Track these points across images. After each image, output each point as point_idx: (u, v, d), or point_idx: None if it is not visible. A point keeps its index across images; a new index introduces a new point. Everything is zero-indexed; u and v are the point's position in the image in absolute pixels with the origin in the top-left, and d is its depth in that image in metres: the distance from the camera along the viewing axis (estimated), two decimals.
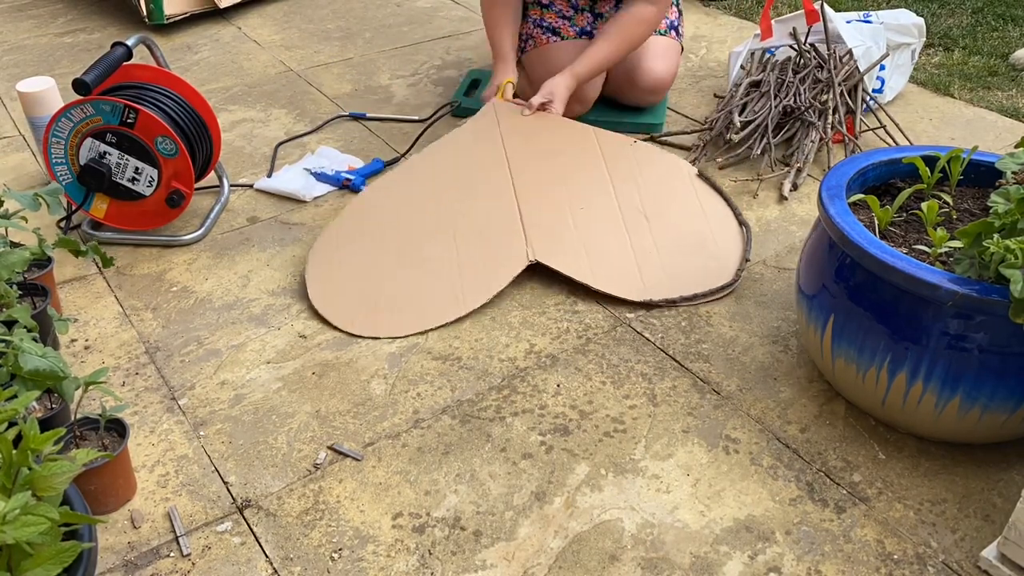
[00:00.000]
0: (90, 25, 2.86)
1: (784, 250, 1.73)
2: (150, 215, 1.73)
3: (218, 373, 1.44)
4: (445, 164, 1.84)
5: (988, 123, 2.21)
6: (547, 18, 2.13)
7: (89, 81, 1.58)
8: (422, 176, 1.82)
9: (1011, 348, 1.13)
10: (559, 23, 2.13)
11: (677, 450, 1.29)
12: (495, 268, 1.59)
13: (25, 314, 1.19)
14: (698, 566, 1.12)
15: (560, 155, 1.83)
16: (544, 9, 2.14)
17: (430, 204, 1.74)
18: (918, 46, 2.28)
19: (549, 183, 1.76)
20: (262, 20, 2.90)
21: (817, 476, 1.25)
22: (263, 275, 1.68)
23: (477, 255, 1.61)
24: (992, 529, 1.17)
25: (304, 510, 1.20)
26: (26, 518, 0.79)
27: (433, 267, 1.61)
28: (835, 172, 1.35)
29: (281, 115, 2.27)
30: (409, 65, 2.55)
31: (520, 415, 1.35)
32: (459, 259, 1.61)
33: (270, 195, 1.93)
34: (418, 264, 1.61)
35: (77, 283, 1.67)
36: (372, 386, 1.41)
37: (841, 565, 1.12)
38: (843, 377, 1.29)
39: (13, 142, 2.16)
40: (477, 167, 1.81)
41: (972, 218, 1.32)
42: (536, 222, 1.66)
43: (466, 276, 1.58)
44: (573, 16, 2.13)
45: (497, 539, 1.16)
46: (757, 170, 1.99)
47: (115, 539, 1.16)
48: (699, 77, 2.45)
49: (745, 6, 2.98)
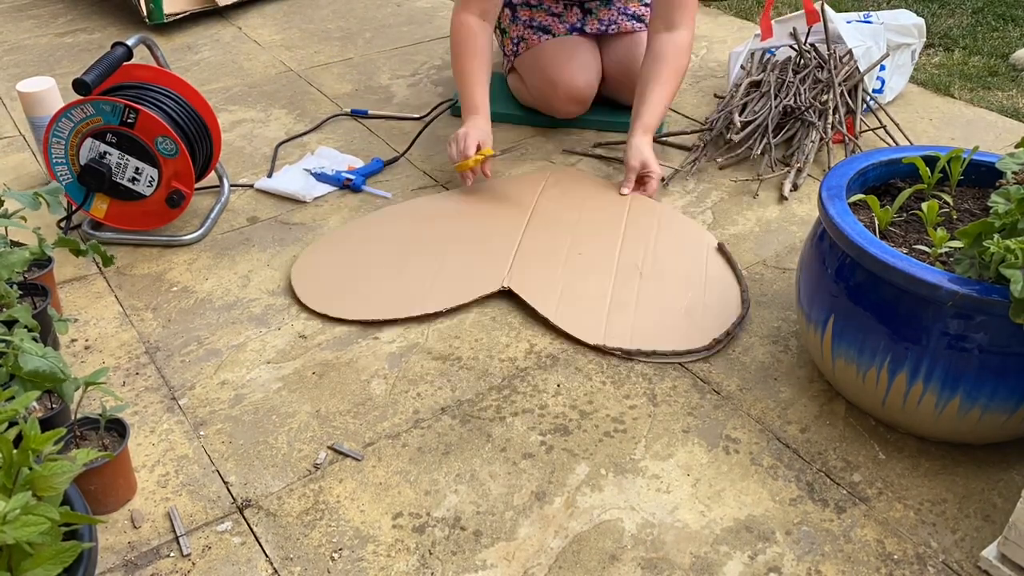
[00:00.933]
0: (90, 25, 2.86)
1: (784, 250, 1.73)
2: (150, 215, 1.73)
3: (218, 373, 1.44)
4: (478, 194, 1.87)
5: (988, 123, 2.21)
6: (537, 17, 2.11)
7: (89, 81, 1.58)
8: (449, 200, 1.86)
9: (1011, 348, 1.13)
10: (549, 20, 2.11)
11: (677, 450, 1.29)
12: (467, 284, 1.60)
13: (25, 314, 1.19)
14: (698, 566, 1.12)
15: (585, 210, 1.83)
16: (533, 9, 2.12)
17: (441, 222, 1.78)
18: (918, 46, 2.28)
19: (558, 231, 1.75)
20: (262, 20, 2.90)
21: (817, 476, 1.25)
22: (263, 275, 1.68)
23: (455, 272, 1.63)
24: (992, 529, 1.17)
25: (304, 510, 1.20)
26: (26, 518, 0.79)
27: (409, 273, 1.63)
28: (835, 172, 1.35)
29: (281, 115, 2.27)
30: (409, 65, 2.55)
31: (520, 415, 1.35)
32: (436, 273, 1.63)
33: (270, 195, 1.93)
34: (396, 273, 1.64)
35: (77, 283, 1.67)
36: (372, 386, 1.41)
37: (841, 565, 1.12)
38: (843, 377, 1.29)
39: (13, 142, 2.16)
40: (500, 207, 1.84)
41: (972, 218, 1.32)
42: (526, 259, 1.67)
43: (435, 286, 1.60)
44: (563, 13, 2.11)
45: (497, 539, 1.16)
46: (757, 170, 1.99)
47: (115, 539, 1.16)
48: (699, 77, 2.45)
49: (745, 6, 2.98)
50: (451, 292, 1.58)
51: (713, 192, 1.92)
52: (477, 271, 1.63)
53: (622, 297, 1.58)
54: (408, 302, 1.56)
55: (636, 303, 1.56)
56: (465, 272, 1.63)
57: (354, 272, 1.64)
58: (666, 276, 1.63)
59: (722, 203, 1.88)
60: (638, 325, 1.52)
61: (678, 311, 1.55)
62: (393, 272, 1.64)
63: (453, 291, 1.58)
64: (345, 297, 1.58)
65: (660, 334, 1.50)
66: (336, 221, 1.83)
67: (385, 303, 1.56)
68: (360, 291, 1.59)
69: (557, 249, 1.70)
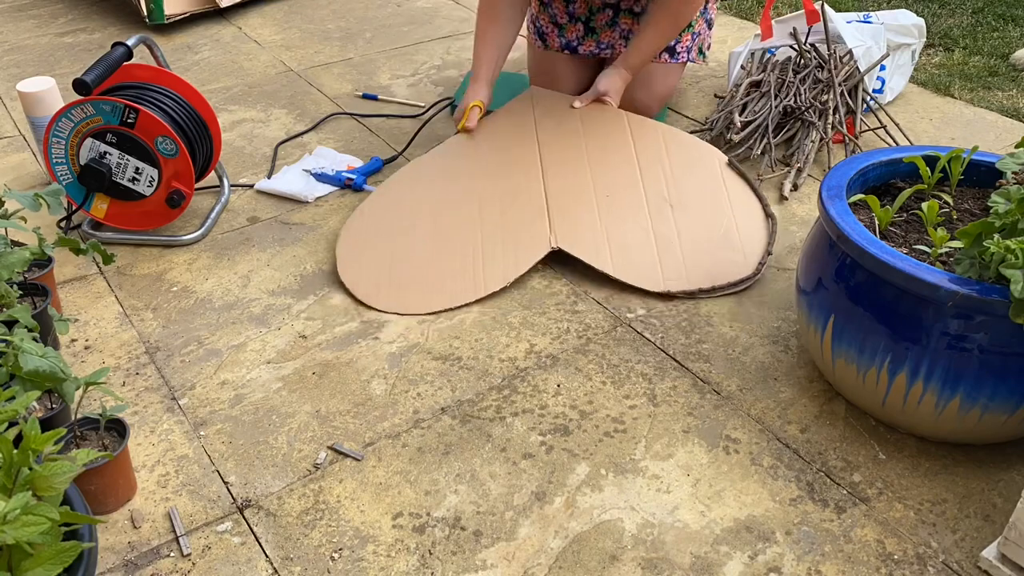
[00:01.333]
0: (90, 25, 2.86)
1: (784, 250, 1.73)
2: (150, 215, 1.73)
3: (218, 373, 1.44)
4: (477, 145, 1.87)
5: (988, 123, 2.21)
6: (541, 19, 2.10)
7: (89, 81, 1.58)
8: (453, 156, 1.86)
9: (1011, 348, 1.13)
10: (548, 28, 2.09)
11: (677, 450, 1.29)
12: (516, 252, 1.61)
13: (25, 314, 1.19)
14: (698, 566, 1.12)
15: (590, 137, 1.84)
16: (543, 8, 2.10)
17: (458, 182, 1.77)
18: (918, 47, 2.28)
19: (576, 167, 1.77)
20: (262, 20, 2.90)
21: (817, 476, 1.25)
22: (263, 275, 1.68)
23: (499, 237, 1.64)
24: (992, 529, 1.17)
25: (304, 510, 1.20)
26: (26, 518, 0.79)
27: (455, 247, 1.64)
28: (835, 172, 1.35)
29: (281, 115, 2.27)
30: (409, 65, 2.55)
31: (520, 415, 1.35)
32: (482, 239, 1.64)
33: (271, 195, 1.93)
34: (442, 243, 1.64)
35: (77, 283, 1.67)
36: (372, 386, 1.41)
37: (841, 565, 1.12)
38: (843, 377, 1.29)
39: (13, 142, 2.16)
40: (507, 147, 1.84)
41: (972, 218, 1.32)
42: (561, 207, 1.68)
43: (487, 259, 1.61)
44: (565, 25, 2.07)
45: (497, 539, 1.16)
46: (757, 170, 1.99)
47: (115, 539, 1.16)
48: (699, 77, 2.45)
49: (745, 6, 2.98)
50: (505, 265, 1.59)
51: None
52: (521, 236, 1.64)
53: (665, 234, 1.63)
54: (469, 284, 1.57)
55: (678, 238, 1.62)
56: (509, 237, 1.64)
57: (401, 260, 1.63)
58: (694, 203, 1.70)
59: None
60: (688, 263, 1.58)
61: (718, 238, 1.62)
62: (441, 253, 1.63)
63: (507, 263, 1.59)
64: (404, 290, 1.58)
65: (712, 267, 1.57)
66: (336, 221, 1.82)
67: (446, 289, 1.57)
68: (416, 280, 1.59)
69: (584, 194, 1.71)
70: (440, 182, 1.79)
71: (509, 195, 1.72)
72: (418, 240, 1.66)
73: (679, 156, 1.80)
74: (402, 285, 1.59)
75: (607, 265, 1.59)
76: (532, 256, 1.61)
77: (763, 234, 1.65)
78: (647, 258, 1.61)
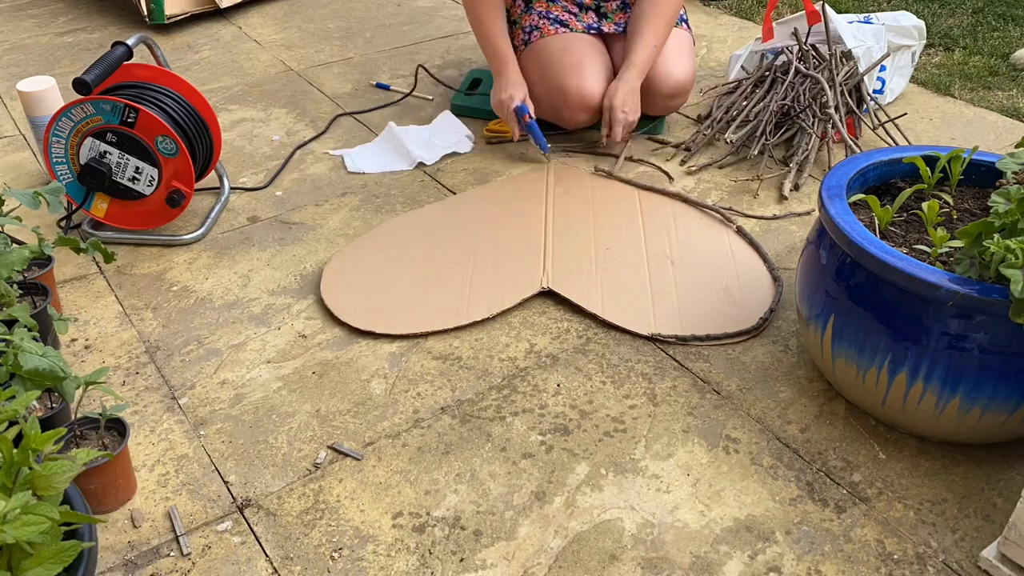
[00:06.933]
0: (90, 24, 2.86)
1: (784, 250, 1.73)
2: (150, 215, 1.73)
3: (218, 373, 1.44)
4: (483, 197, 1.89)
5: (988, 123, 2.21)
6: (553, 11, 2.09)
7: (89, 80, 1.58)
8: (460, 206, 1.86)
9: (1011, 348, 1.13)
10: (566, 16, 2.09)
11: (677, 450, 1.29)
12: (503, 289, 1.60)
13: (25, 313, 1.19)
14: (698, 566, 1.12)
15: (599, 204, 1.85)
16: (550, 2, 2.10)
17: (459, 228, 1.78)
18: (918, 48, 2.28)
19: (580, 225, 1.78)
20: (262, 20, 2.90)
21: (817, 476, 1.25)
22: (263, 275, 1.68)
23: (489, 274, 1.63)
24: (992, 529, 1.17)
25: (304, 509, 1.20)
26: (26, 517, 0.79)
27: (444, 280, 1.62)
28: (835, 172, 1.35)
29: (281, 115, 2.27)
30: (409, 65, 2.55)
31: (520, 415, 1.35)
32: (471, 277, 1.63)
33: (270, 195, 1.93)
34: (430, 277, 1.63)
35: (77, 282, 1.67)
36: (372, 386, 1.41)
37: (841, 565, 1.12)
38: (843, 377, 1.29)
39: (13, 142, 2.16)
40: (515, 202, 1.86)
41: (972, 218, 1.32)
42: (558, 256, 1.68)
43: (474, 289, 1.59)
44: (579, 14, 2.10)
45: (497, 539, 1.16)
46: (757, 170, 1.99)
47: (115, 538, 1.16)
48: (699, 77, 2.45)
49: (746, 6, 2.98)
50: (491, 298, 1.57)
51: (713, 192, 1.92)
52: (514, 274, 1.63)
53: (662, 285, 1.61)
54: (452, 312, 1.55)
55: (675, 289, 1.59)
56: (501, 276, 1.63)
57: (386, 285, 1.62)
58: (696, 262, 1.67)
59: (722, 203, 1.87)
60: (684, 311, 1.54)
61: (718, 294, 1.59)
62: (428, 282, 1.62)
63: (493, 296, 1.58)
64: (385, 312, 1.55)
65: (708, 318, 1.53)
66: (336, 221, 1.83)
67: (429, 314, 1.54)
68: (400, 304, 1.57)
69: (584, 246, 1.71)
70: (437, 230, 1.78)
71: (508, 241, 1.72)
72: (405, 275, 1.64)
73: (686, 222, 1.79)
74: (383, 308, 1.56)
75: (596, 307, 1.55)
76: (520, 293, 1.58)
77: (768, 294, 1.58)
78: (640, 304, 1.56)
